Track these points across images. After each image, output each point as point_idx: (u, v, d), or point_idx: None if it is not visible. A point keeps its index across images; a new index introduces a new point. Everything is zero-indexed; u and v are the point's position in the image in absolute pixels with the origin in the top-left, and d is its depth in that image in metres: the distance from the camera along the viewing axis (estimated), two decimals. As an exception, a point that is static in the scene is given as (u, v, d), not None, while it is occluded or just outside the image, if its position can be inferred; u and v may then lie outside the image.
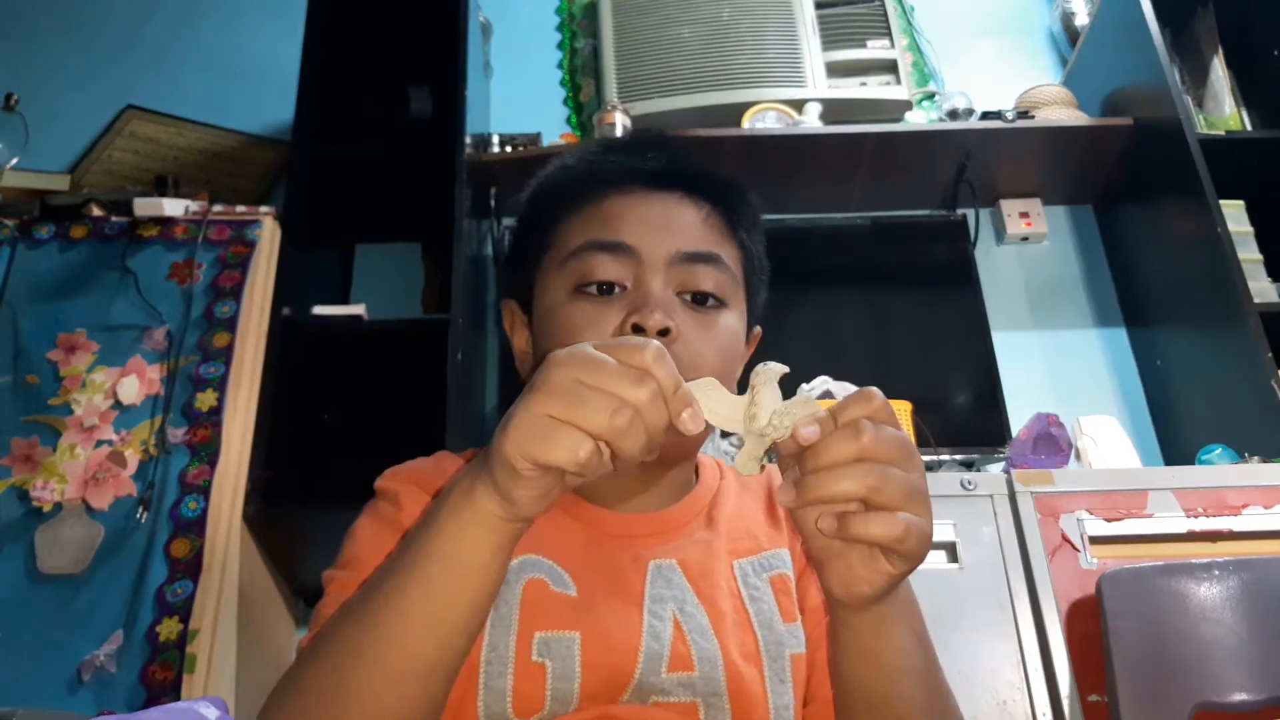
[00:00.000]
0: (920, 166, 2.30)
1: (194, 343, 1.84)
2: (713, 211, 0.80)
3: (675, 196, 0.80)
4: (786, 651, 0.75)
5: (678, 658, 0.71)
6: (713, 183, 0.82)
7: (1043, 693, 1.38)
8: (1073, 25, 2.56)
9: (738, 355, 0.79)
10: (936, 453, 1.95)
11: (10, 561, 1.66)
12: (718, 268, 0.77)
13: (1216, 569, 1.36)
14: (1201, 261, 2.00)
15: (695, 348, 0.73)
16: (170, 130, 2.46)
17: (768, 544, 0.82)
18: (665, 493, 0.82)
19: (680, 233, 0.77)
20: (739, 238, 0.82)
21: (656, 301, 0.73)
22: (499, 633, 0.70)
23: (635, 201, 0.79)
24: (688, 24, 2.35)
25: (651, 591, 0.74)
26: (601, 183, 0.80)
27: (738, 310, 0.79)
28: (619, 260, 0.76)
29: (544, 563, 0.73)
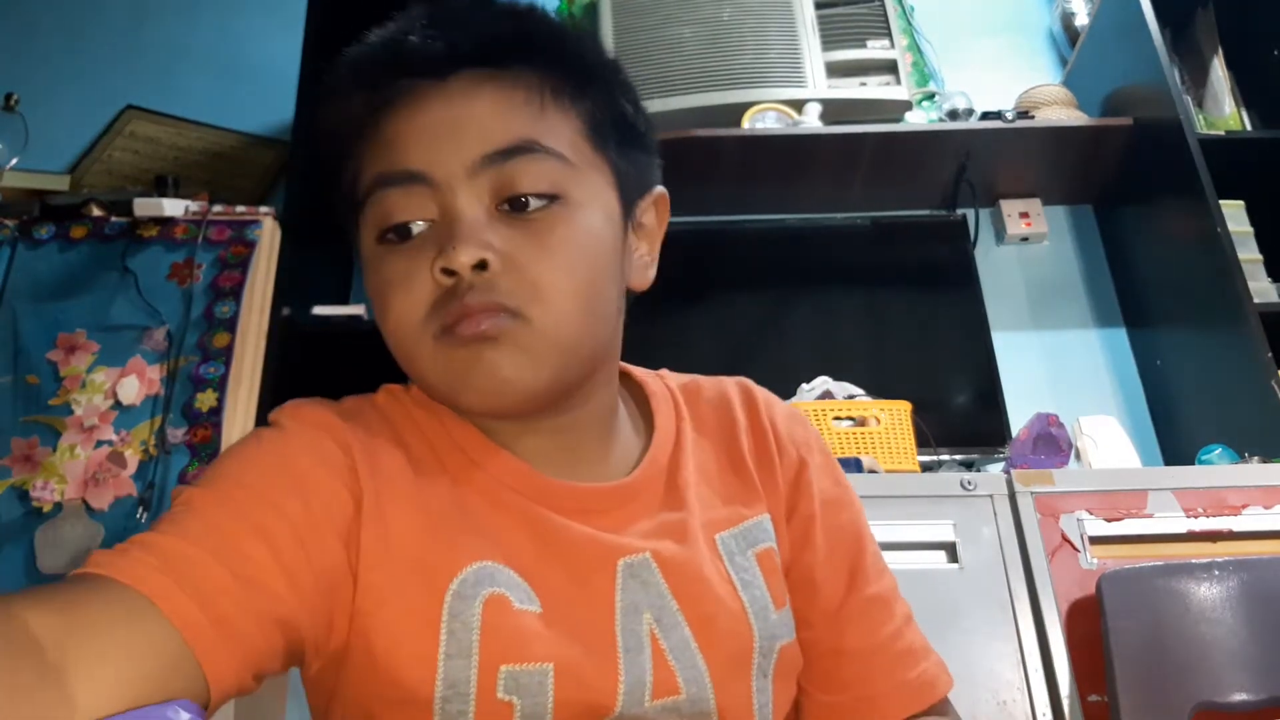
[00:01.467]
0: (920, 166, 2.30)
1: (194, 343, 1.84)
2: (518, 82, 0.64)
3: (463, 81, 0.63)
4: (777, 644, 0.69)
5: (661, 683, 0.63)
6: (512, 44, 0.65)
7: (1043, 693, 1.37)
8: (1073, 25, 2.56)
9: (599, 248, 0.65)
10: (936, 453, 1.94)
11: (10, 561, 1.66)
12: (536, 156, 0.62)
13: (1216, 569, 1.36)
14: (1201, 261, 2.00)
15: (528, 268, 0.61)
16: (170, 130, 2.46)
17: (747, 510, 0.72)
18: (608, 449, 0.71)
19: (475, 129, 0.62)
20: (570, 103, 0.65)
21: (462, 230, 0.60)
22: (457, 665, 0.59)
23: (415, 109, 0.63)
24: (688, 24, 2.35)
25: (624, 599, 0.64)
26: (375, 97, 0.64)
27: (584, 195, 0.64)
28: (412, 191, 0.62)
29: (502, 571, 0.62)
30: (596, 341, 0.65)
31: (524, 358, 0.61)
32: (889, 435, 1.76)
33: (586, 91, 0.66)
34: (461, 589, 0.60)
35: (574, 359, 0.63)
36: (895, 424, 1.78)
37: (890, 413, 1.79)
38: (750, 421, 0.76)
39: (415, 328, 0.62)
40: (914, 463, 1.76)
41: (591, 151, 0.66)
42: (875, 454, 1.72)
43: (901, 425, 1.78)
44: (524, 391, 0.62)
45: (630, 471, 0.70)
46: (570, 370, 0.64)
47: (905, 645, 0.73)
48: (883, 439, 1.76)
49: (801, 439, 0.77)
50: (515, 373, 0.61)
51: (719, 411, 0.77)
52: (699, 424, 0.76)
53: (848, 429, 1.77)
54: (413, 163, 0.62)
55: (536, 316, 0.61)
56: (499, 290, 0.60)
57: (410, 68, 0.64)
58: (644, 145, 0.71)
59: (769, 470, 0.75)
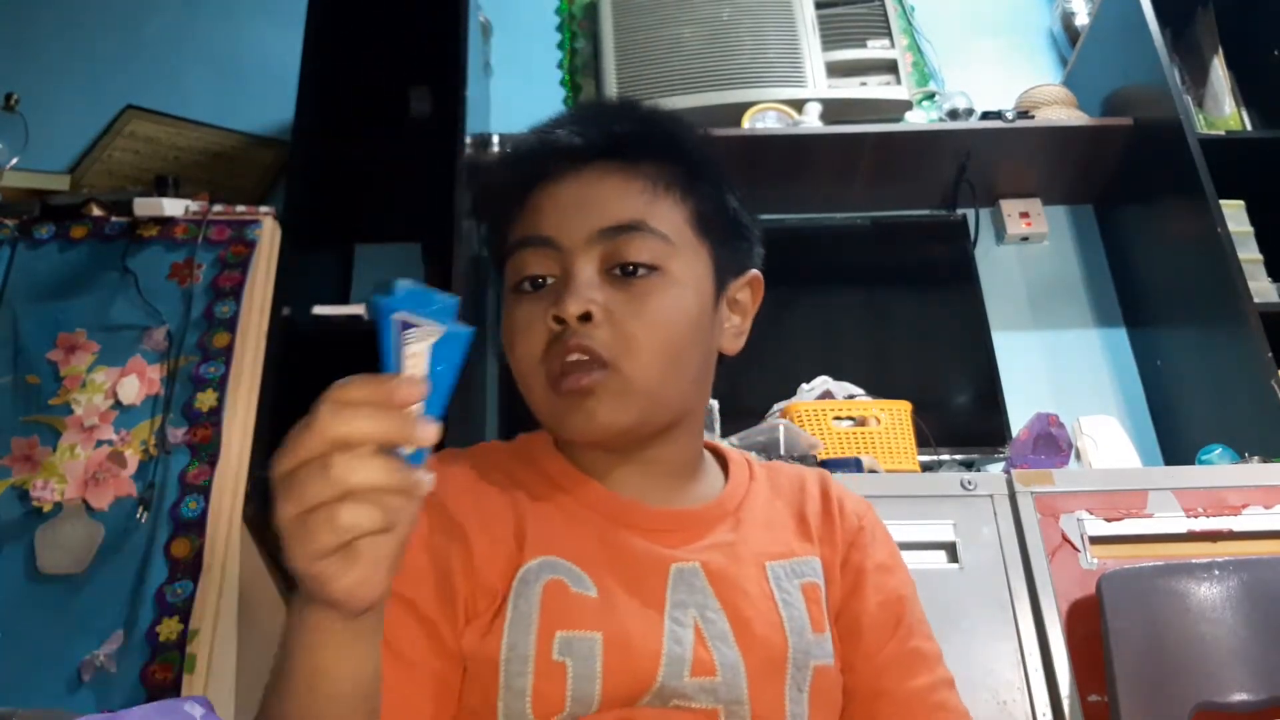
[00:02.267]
0: (920, 166, 2.30)
1: (194, 343, 1.84)
2: (636, 173, 0.77)
3: (594, 169, 0.77)
4: (812, 662, 0.75)
5: (700, 663, 0.70)
6: (635, 142, 0.79)
7: (1043, 693, 1.37)
8: (1073, 25, 2.56)
9: (689, 315, 0.76)
10: (936, 453, 1.95)
11: (10, 561, 1.66)
12: (642, 235, 0.75)
13: (1216, 569, 1.36)
14: (1201, 261, 2.00)
15: (624, 324, 0.72)
16: (170, 130, 2.46)
17: (799, 550, 0.80)
18: (684, 490, 0.81)
19: (597, 209, 0.75)
20: (678, 193, 0.78)
21: (574, 286, 0.73)
22: (518, 631, 0.69)
23: (554, 187, 0.77)
24: (688, 24, 2.35)
25: (673, 597, 0.73)
26: (524, 175, 0.79)
27: (682, 270, 0.76)
28: (542, 253, 0.76)
29: (562, 564, 0.72)
30: (679, 392, 0.77)
31: (614, 403, 0.73)
32: (889, 435, 1.76)
33: (695, 187, 0.79)
34: (526, 575, 0.71)
35: (657, 404, 0.75)
36: (895, 424, 1.78)
37: (890, 413, 1.79)
38: (821, 495, 0.86)
39: (533, 366, 0.75)
40: (914, 463, 1.76)
41: (694, 236, 0.78)
42: (875, 454, 1.72)
43: (901, 425, 1.78)
44: (613, 429, 0.74)
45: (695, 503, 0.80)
46: (654, 413, 0.75)
47: (941, 700, 0.78)
48: (883, 439, 1.76)
49: (864, 513, 0.86)
50: (608, 417, 0.73)
51: (793, 483, 0.87)
52: (773, 487, 0.86)
53: (848, 429, 1.77)
54: (546, 230, 0.76)
55: (626, 367, 0.72)
56: (596, 339, 0.72)
57: (554, 154, 0.78)
58: (743, 235, 0.83)
59: (830, 529, 0.83)
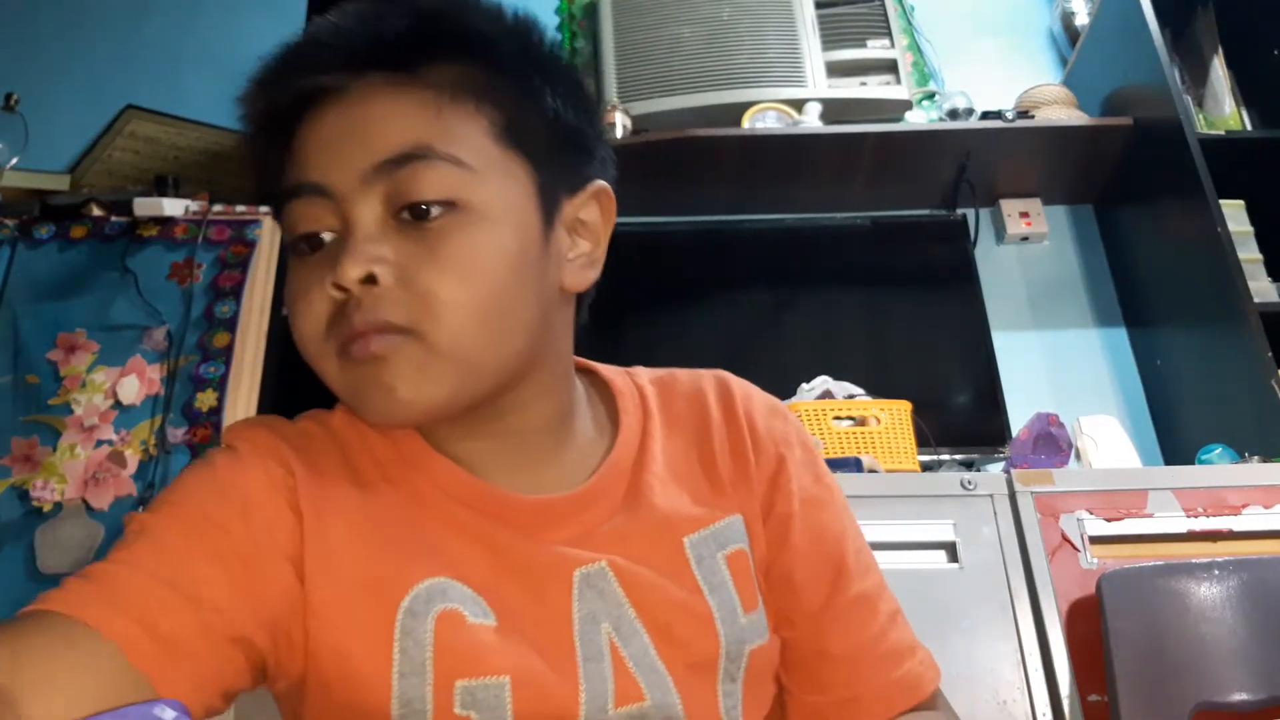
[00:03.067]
0: (920, 166, 2.30)
1: (194, 343, 1.84)
2: (415, 84, 0.61)
3: (361, 90, 0.61)
4: (746, 648, 0.67)
5: (623, 691, 0.62)
6: (411, 43, 0.61)
7: (1043, 693, 1.37)
8: (1073, 25, 2.56)
9: (507, 254, 0.61)
10: (936, 452, 1.94)
11: (10, 561, 1.66)
12: (428, 162, 0.59)
13: (1216, 569, 1.36)
14: (1201, 261, 2.00)
15: (420, 281, 0.58)
16: (170, 130, 2.46)
17: (718, 509, 0.70)
18: (565, 461, 0.69)
19: (368, 137, 0.60)
20: (482, 102, 0.62)
21: (350, 244, 0.59)
22: (411, 683, 0.58)
23: (317, 119, 0.62)
24: (688, 24, 2.35)
25: (580, 610, 0.63)
26: (283, 104, 0.63)
27: (490, 198, 0.60)
28: (313, 203, 0.61)
29: (455, 587, 0.61)
30: (508, 351, 0.62)
31: (418, 375, 0.59)
32: (889, 435, 1.76)
33: (497, 88, 0.62)
34: (413, 606, 0.60)
35: (477, 371, 0.60)
36: (895, 424, 1.77)
37: (890, 413, 1.79)
38: (726, 418, 0.74)
39: (317, 342, 0.63)
40: (914, 462, 1.76)
41: (501, 154, 0.62)
42: (875, 454, 1.72)
43: (901, 425, 1.78)
44: (421, 409, 0.60)
45: (590, 475, 0.68)
46: (476, 384, 0.61)
47: (890, 645, 0.72)
48: (883, 439, 1.76)
49: (780, 434, 0.74)
50: (410, 391, 0.59)
51: (693, 407, 0.74)
52: (671, 420, 0.73)
53: (848, 429, 1.77)
54: (312, 174, 0.61)
55: (429, 331, 0.58)
56: (388, 306, 0.58)
57: (311, 75, 0.62)
58: (575, 140, 0.67)
59: (744, 468, 0.72)
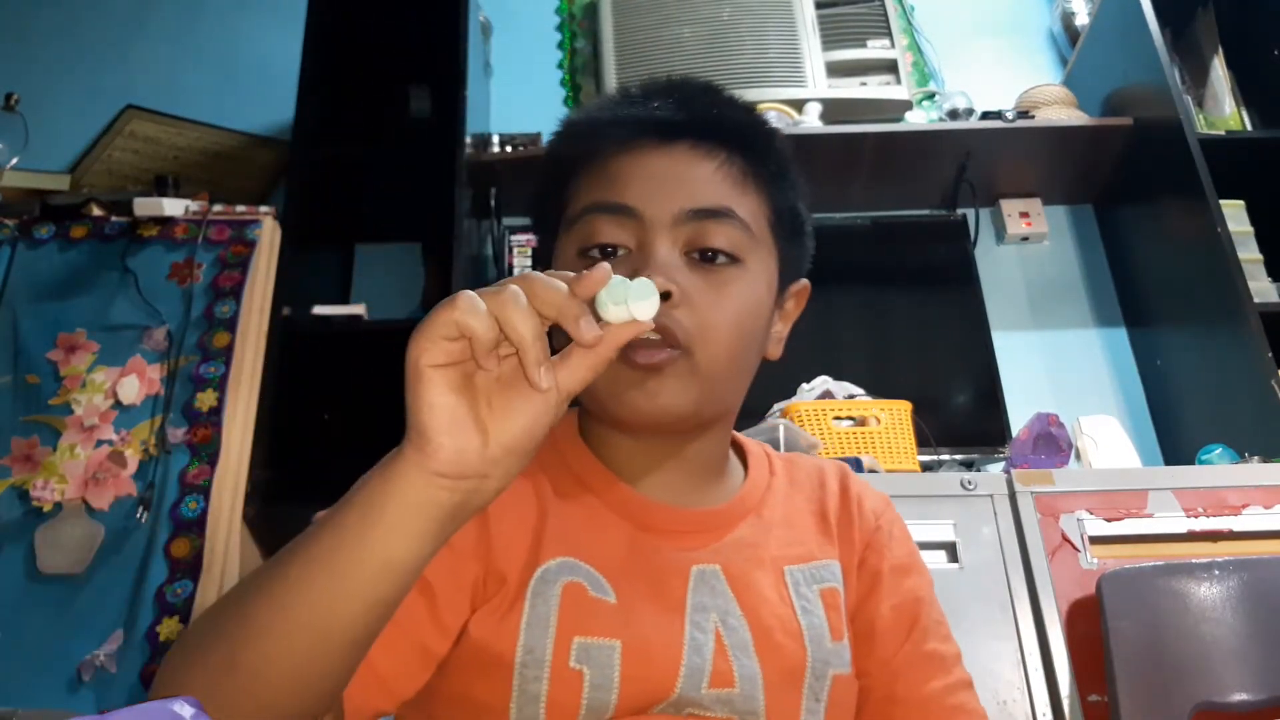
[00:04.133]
0: (920, 166, 2.30)
1: (194, 343, 1.84)
2: (727, 161, 0.75)
3: (685, 148, 0.75)
4: (830, 671, 0.73)
5: (719, 673, 0.68)
6: (728, 128, 0.77)
7: (1043, 693, 1.37)
8: (1073, 25, 2.56)
9: (757, 314, 0.75)
10: (936, 452, 1.94)
11: (10, 561, 1.66)
12: (729, 223, 0.72)
13: (1216, 569, 1.36)
14: (1201, 261, 2.00)
15: (703, 311, 0.70)
16: (170, 130, 2.46)
17: (819, 553, 0.78)
18: (710, 487, 0.79)
19: (687, 188, 0.73)
20: (760, 187, 0.76)
21: (657, 263, 0.69)
22: (535, 633, 0.67)
23: (640, 158, 0.74)
24: (688, 24, 2.35)
25: (694, 600, 0.71)
26: (607, 140, 0.76)
27: (757, 267, 0.74)
28: (621, 222, 0.72)
29: (582, 567, 0.70)
30: (734, 388, 0.76)
31: (680, 386, 0.70)
32: (889, 435, 1.76)
33: (776, 184, 0.78)
34: (545, 574, 0.69)
35: (715, 396, 0.73)
36: (895, 424, 1.77)
37: (890, 413, 1.78)
38: (840, 491, 0.84)
39: None
40: (914, 462, 1.76)
41: (768, 233, 0.76)
42: (875, 454, 1.72)
43: (901, 425, 1.78)
44: (671, 413, 0.71)
45: (717, 502, 0.78)
46: (710, 405, 0.73)
47: (959, 702, 0.76)
48: (883, 439, 1.75)
49: (882, 511, 0.84)
50: (671, 399, 0.70)
51: (812, 479, 0.85)
52: (793, 483, 0.83)
53: (848, 429, 1.77)
54: (629, 199, 0.72)
55: (698, 353, 0.70)
56: (674, 320, 0.69)
57: (642, 125, 0.76)
58: (804, 238, 0.82)
59: (848, 527, 0.81)
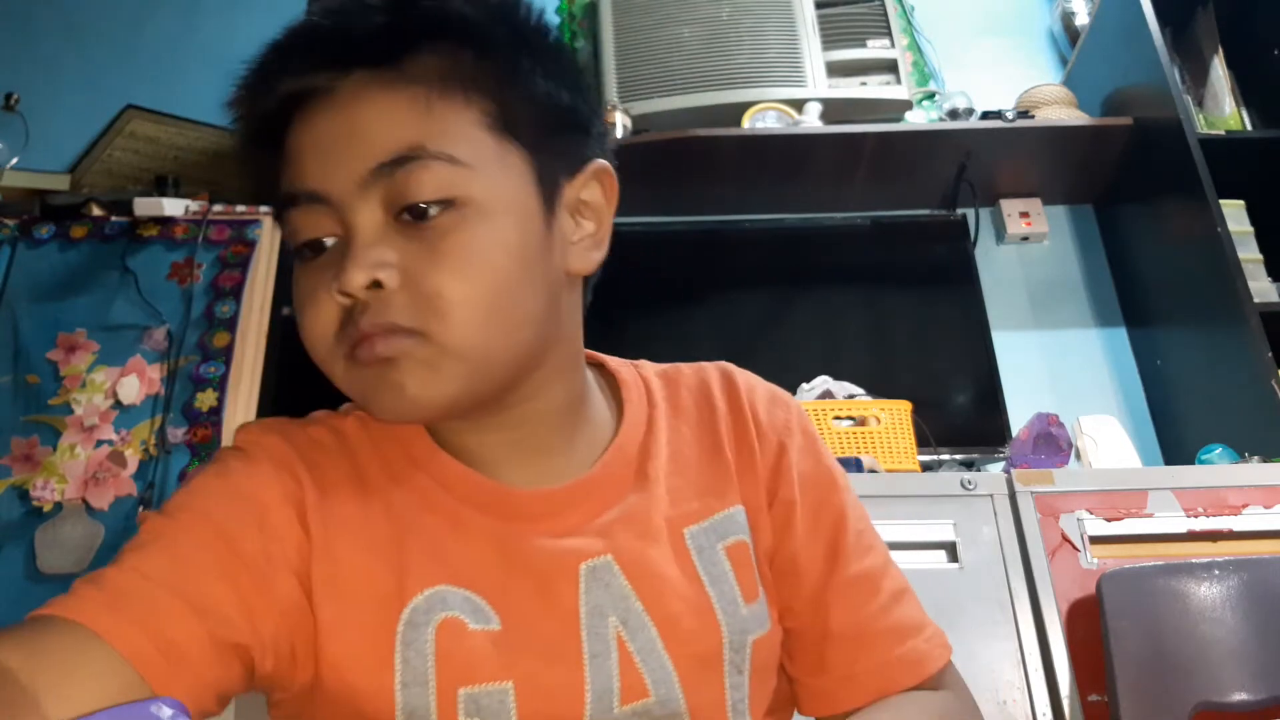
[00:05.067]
0: (920, 166, 2.30)
1: (194, 342, 1.84)
2: (403, 83, 0.60)
3: (352, 89, 0.60)
4: (749, 639, 0.67)
5: (629, 688, 0.62)
6: (397, 39, 0.60)
7: (1043, 693, 1.37)
8: (1073, 25, 2.56)
9: (509, 244, 0.60)
10: (936, 452, 1.94)
11: (10, 561, 1.66)
12: (422, 162, 0.58)
13: (1217, 569, 1.36)
14: (1201, 261, 2.00)
15: (427, 282, 0.58)
16: (170, 130, 2.46)
17: (718, 503, 0.70)
18: (573, 450, 0.69)
19: (361, 140, 0.59)
20: (460, 91, 0.61)
21: (353, 251, 0.58)
22: (414, 693, 0.59)
23: (309, 122, 0.61)
24: (688, 24, 2.35)
25: (587, 604, 0.63)
26: (273, 108, 0.62)
27: (488, 192, 0.60)
28: (312, 210, 0.60)
29: (457, 594, 0.61)
30: (518, 343, 0.62)
31: (427, 373, 0.59)
32: (889, 435, 1.76)
33: (485, 76, 0.62)
34: (413, 617, 0.60)
35: (487, 367, 0.61)
36: (895, 424, 1.78)
37: (890, 412, 1.79)
38: (730, 407, 0.75)
39: (327, 348, 0.61)
40: (914, 462, 1.76)
41: (496, 143, 0.61)
42: (875, 454, 1.72)
43: (901, 425, 1.78)
44: (431, 406, 0.60)
45: (596, 463, 0.69)
46: (485, 379, 0.61)
47: (891, 622, 0.71)
48: (883, 439, 1.76)
49: (782, 422, 0.75)
50: (419, 390, 0.59)
51: (698, 398, 0.75)
52: (677, 411, 0.74)
53: (848, 429, 1.77)
54: (309, 181, 0.60)
55: (436, 331, 0.58)
56: (394, 309, 0.58)
57: (297, 76, 0.61)
58: (571, 122, 0.66)
59: (748, 457, 0.73)
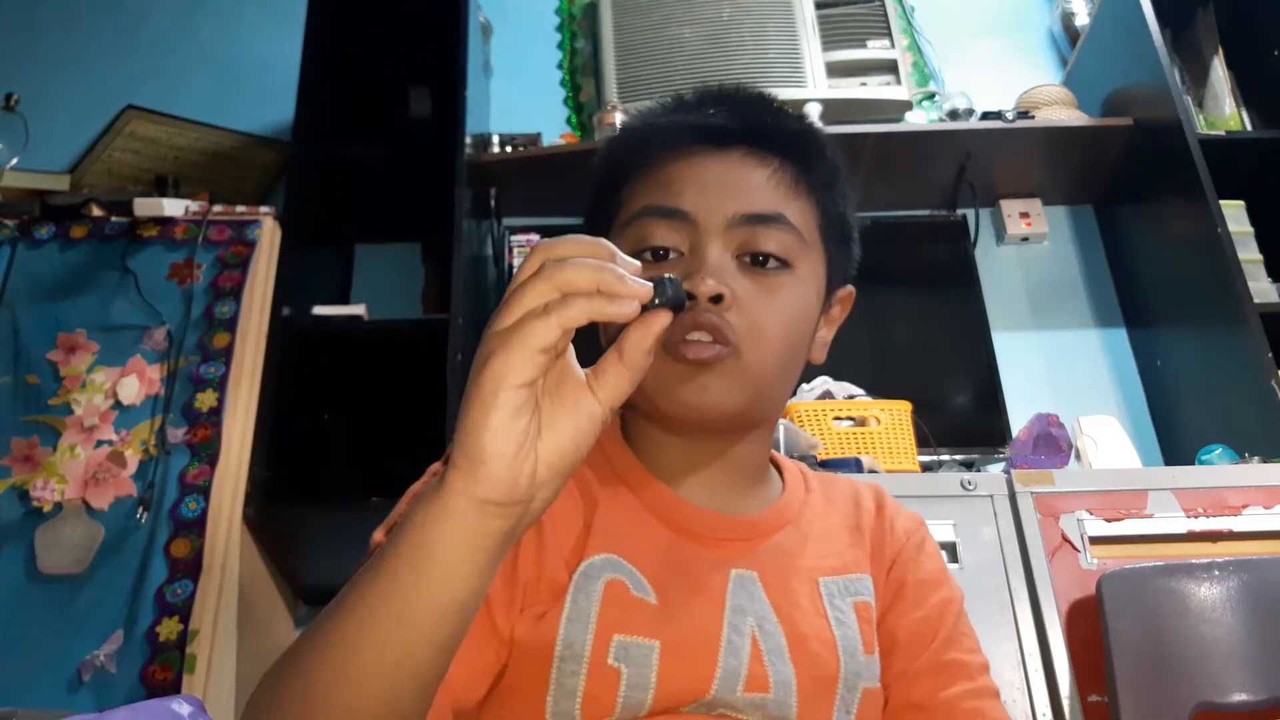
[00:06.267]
0: (920, 166, 2.30)
1: (194, 343, 1.84)
2: (780, 168, 0.77)
3: (738, 155, 0.77)
4: (861, 684, 0.73)
5: (754, 677, 0.69)
6: (781, 136, 0.79)
7: (1043, 693, 1.37)
8: (1073, 25, 2.56)
9: (806, 318, 0.77)
10: (936, 453, 1.94)
11: (10, 561, 1.66)
12: (781, 228, 0.74)
13: (1217, 569, 1.36)
14: (1201, 261, 2.00)
15: (753, 313, 0.71)
16: (170, 130, 2.46)
17: (853, 566, 0.79)
18: (749, 493, 0.80)
19: (740, 194, 0.74)
20: (811, 194, 0.78)
21: (709, 267, 0.71)
22: (575, 629, 0.67)
23: (694, 164, 0.76)
24: (688, 24, 2.35)
25: (733, 602, 0.71)
26: (661, 145, 0.78)
27: (806, 272, 0.76)
28: (674, 226, 0.74)
29: (625, 565, 0.71)
30: (781, 391, 0.78)
31: (729, 384, 0.71)
32: (889, 435, 1.76)
33: (826, 190, 0.80)
34: (589, 570, 0.70)
35: (763, 397, 0.74)
36: (895, 424, 1.77)
37: (890, 413, 1.78)
38: (875, 509, 0.85)
39: None
40: (914, 463, 1.76)
41: (818, 238, 0.79)
42: (875, 454, 1.72)
43: (901, 425, 1.78)
44: (720, 409, 0.72)
45: (755, 511, 0.79)
46: (758, 405, 0.75)
47: (976, 707, 0.75)
48: (883, 439, 1.76)
49: (915, 529, 0.85)
50: (719, 396, 0.71)
51: (848, 496, 0.86)
52: (828, 499, 0.84)
53: (848, 429, 1.77)
54: (684, 204, 0.74)
55: (748, 353, 0.71)
56: (725, 321, 0.70)
57: (695, 131, 0.77)
58: (851, 244, 0.86)
59: (880, 543, 0.82)
